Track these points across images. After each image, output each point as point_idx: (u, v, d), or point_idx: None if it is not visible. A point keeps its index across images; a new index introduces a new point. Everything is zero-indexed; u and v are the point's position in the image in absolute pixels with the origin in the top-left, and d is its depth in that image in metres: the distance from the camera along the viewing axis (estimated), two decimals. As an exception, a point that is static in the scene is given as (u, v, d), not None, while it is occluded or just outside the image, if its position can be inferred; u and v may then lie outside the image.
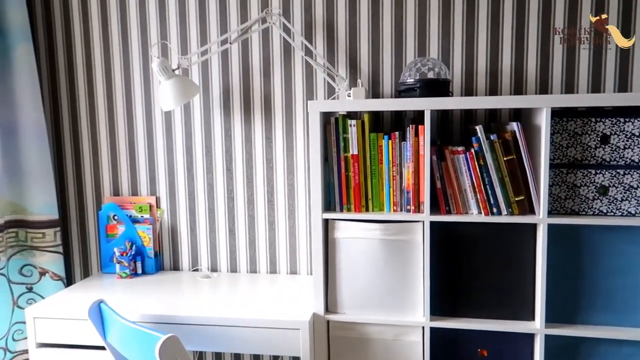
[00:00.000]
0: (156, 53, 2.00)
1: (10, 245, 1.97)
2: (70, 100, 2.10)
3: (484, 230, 1.55)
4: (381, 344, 1.62)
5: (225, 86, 1.99)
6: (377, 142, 1.59)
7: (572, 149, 1.51)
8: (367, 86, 1.90)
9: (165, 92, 1.80)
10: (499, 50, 1.81)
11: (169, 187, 2.08)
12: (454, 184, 1.56)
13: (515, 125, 1.50)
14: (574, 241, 1.51)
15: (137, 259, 2.04)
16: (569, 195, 1.52)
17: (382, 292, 1.61)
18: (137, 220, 2.06)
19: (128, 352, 1.44)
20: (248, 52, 1.95)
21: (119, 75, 2.05)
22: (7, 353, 1.93)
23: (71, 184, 2.14)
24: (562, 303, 1.54)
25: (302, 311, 1.64)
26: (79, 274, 2.19)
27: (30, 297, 2.01)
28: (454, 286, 1.59)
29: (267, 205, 2.02)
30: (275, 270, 2.05)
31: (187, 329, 1.63)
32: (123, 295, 1.83)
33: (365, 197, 1.62)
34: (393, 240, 1.59)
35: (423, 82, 1.63)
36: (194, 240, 2.09)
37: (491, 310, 1.58)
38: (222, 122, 2.01)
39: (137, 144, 2.08)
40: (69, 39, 2.07)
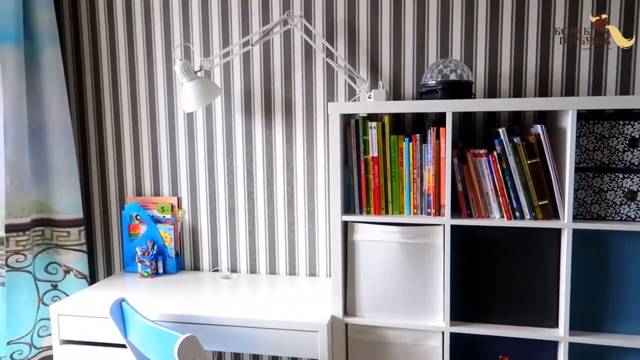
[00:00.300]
0: (179, 55, 2.02)
1: (36, 243, 2.02)
2: (96, 102, 2.14)
3: (506, 235, 1.52)
4: (400, 348, 1.61)
5: (246, 88, 2.00)
6: (397, 144, 1.58)
7: (599, 152, 1.47)
8: (388, 88, 1.88)
9: (187, 94, 1.82)
10: (524, 51, 1.77)
11: (191, 187, 2.10)
12: (475, 187, 1.53)
13: (540, 128, 1.47)
14: (600, 247, 1.47)
15: (159, 259, 2.07)
16: (595, 200, 1.48)
17: (401, 295, 1.59)
18: (159, 220, 2.09)
19: (148, 350, 1.46)
20: (269, 54, 1.96)
21: (142, 78, 2.08)
22: (32, 349, 1.97)
23: (95, 184, 2.18)
24: (587, 310, 1.50)
25: (321, 313, 1.63)
26: (102, 272, 2.22)
27: (55, 295, 2.06)
28: (475, 291, 1.56)
29: (287, 206, 2.02)
30: (294, 272, 2.05)
31: (206, 329, 1.64)
32: (144, 294, 1.85)
33: (385, 200, 1.61)
34: (413, 244, 1.57)
35: (445, 83, 1.61)
36: (215, 240, 2.10)
37: (513, 316, 1.54)
38: (243, 123, 2.02)
39: (160, 145, 2.10)
40: (95, 42, 2.11)
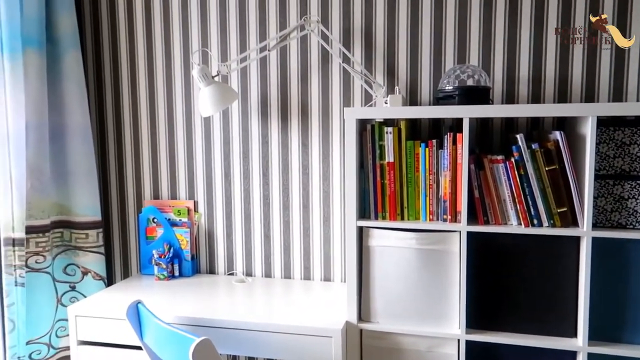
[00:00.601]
0: (197, 60, 2.04)
1: (55, 244, 2.05)
2: (115, 106, 2.17)
3: (523, 242, 1.51)
4: (415, 355, 1.59)
5: (263, 93, 2.01)
6: (413, 149, 1.57)
7: (620, 159, 1.44)
8: (405, 93, 1.88)
9: (204, 98, 1.84)
10: (542, 56, 1.76)
11: (207, 191, 2.11)
12: (492, 193, 1.52)
13: (559, 134, 1.45)
14: (620, 256, 1.45)
15: (175, 262, 2.08)
16: (616, 207, 1.45)
17: (416, 302, 1.58)
18: (175, 223, 2.11)
19: (163, 353, 1.47)
20: (286, 59, 1.97)
21: (161, 82, 2.11)
22: (50, 349, 2.00)
23: (114, 187, 2.21)
24: (606, 320, 1.47)
25: (335, 319, 1.63)
26: (119, 274, 2.25)
27: (73, 296, 2.08)
28: (492, 299, 1.55)
29: (302, 211, 2.02)
30: (309, 276, 2.05)
31: (221, 332, 1.65)
32: (160, 296, 1.86)
33: (401, 206, 1.60)
34: (429, 250, 1.56)
35: (462, 89, 1.60)
36: (230, 244, 2.11)
37: (530, 325, 1.52)
38: (259, 128, 2.03)
39: (177, 148, 2.13)
40: (114, 46, 2.14)
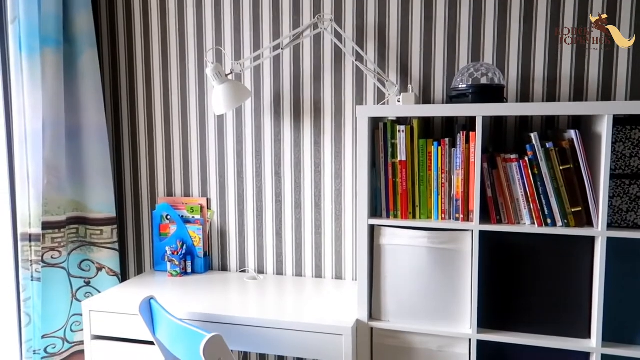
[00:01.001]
0: (211, 59, 2.06)
1: (71, 240, 2.08)
2: (130, 105, 2.20)
3: (536, 242, 1.49)
4: (425, 354, 1.59)
5: (276, 91, 2.01)
6: (426, 148, 1.57)
7: (636, 158, 1.42)
8: (418, 92, 1.87)
9: (217, 97, 1.85)
10: (558, 55, 1.73)
11: (220, 189, 2.13)
12: (505, 192, 1.50)
13: (574, 133, 1.43)
14: (636, 257, 1.42)
15: (188, 258, 2.10)
16: (632, 207, 1.43)
17: (428, 301, 1.57)
18: (188, 220, 2.13)
19: (175, 348, 1.48)
20: (299, 57, 1.98)
21: (175, 80, 2.13)
22: (65, 343, 2.03)
23: (128, 184, 2.24)
24: (620, 321, 1.45)
25: (346, 317, 1.63)
26: (133, 270, 2.27)
27: (88, 291, 2.11)
28: (504, 298, 1.53)
29: (314, 209, 2.02)
30: (320, 274, 2.05)
31: (233, 329, 1.66)
32: (173, 293, 1.88)
33: (413, 204, 1.59)
34: (440, 249, 1.55)
35: (476, 87, 1.59)
36: (242, 242, 2.13)
37: (543, 325, 1.51)
38: (272, 126, 2.04)
39: (191, 146, 2.14)
40: (130, 45, 2.16)
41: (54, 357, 1.99)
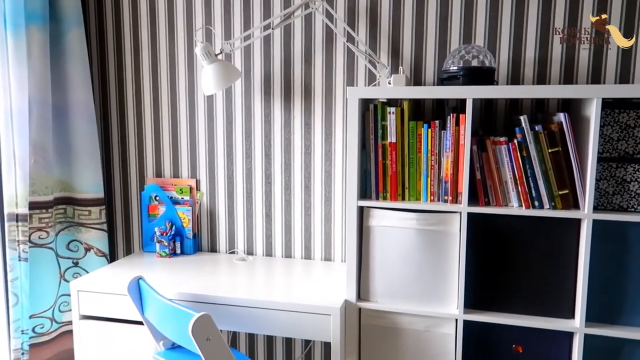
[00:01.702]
0: (200, 38, 2.03)
1: (59, 221, 2.06)
2: (118, 84, 2.17)
3: (524, 224, 1.50)
4: (412, 334, 1.61)
5: (266, 72, 2.00)
6: (416, 130, 1.57)
7: (624, 142, 1.43)
8: (409, 74, 1.86)
9: (207, 77, 1.83)
10: (550, 38, 1.73)
11: (209, 170, 2.12)
12: (494, 175, 1.51)
13: (563, 116, 1.44)
14: (621, 239, 1.44)
15: (177, 239, 2.10)
16: (618, 190, 1.45)
17: (415, 282, 1.59)
18: (177, 201, 2.12)
19: (164, 327, 1.49)
20: (290, 38, 1.96)
21: (164, 60, 2.10)
22: (53, 323, 2.03)
23: (116, 164, 2.22)
24: (604, 302, 1.47)
25: (334, 298, 1.64)
26: (122, 251, 2.27)
27: (76, 272, 2.11)
28: (491, 280, 1.55)
29: (303, 191, 2.02)
30: (309, 256, 2.06)
31: (221, 309, 1.66)
32: (162, 273, 1.88)
33: (402, 186, 1.60)
34: (429, 231, 1.56)
35: (466, 70, 1.58)
36: (232, 223, 2.12)
37: (529, 306, 1.53)
38: (262, 107, 2.02)
39: (180, 127, 2.12)
40: (118, 24, 2.13)
41: (42, 337, 1.99)
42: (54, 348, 2.04)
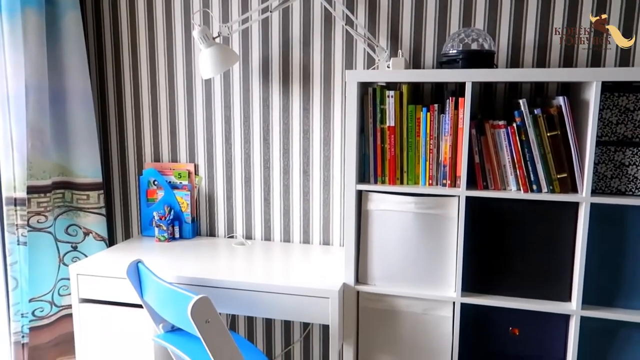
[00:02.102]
0: (198, 21, 2.01)
1: (57, 205, 2.06)
2: (115, 68, 2.15)
3: (522, 208, 1.51)
4: (410, 317, 1.62)
5: (264, 55, 1.98)
6: (415, 114, 1.56)
7: (622, 125, 1.43)
8: (408, 57, 1.85)
9: (205, 60, 1.81)
10: (550, 22, 1.72)
11: (207, 155, 2.11)
12: (492, 159, 1.51)
13: (562, 100, 1.43)
14: (618, 222, 1.45)
15: (175, 224, 2.10)
16: (616, 174, 1.45)
17: (413, 265, 1.60)
18: (176, 186, 2.12)
19: (163, 310, 1.49)
20: (288, 21, 1.94)
21: (161, 43, 2.08)
22: (53, 307, 2.04)
23: (114, 149, 2.21)
24: (601, 285, 1.48)
25: (333, 281, 1.65)
26: (121, 235, 2.27)
27: (75, 256, 2.11)
28: (488, 263, 1.56)
29: (302, 175, 2.02)
30: (308, 240, 2.06)
31: (221, 292, 1.67)
32: (161, 257, 1.89)
33: (401, 170, 1.60)
34: (427, 214, 1.56)
35: (466, 53, 1.57)
36: (230, 207, 2.13)
37: (526, 289, 1.54)
38: (260, 91, 2.01)
39: (178, 111, 2.11)
40: (114, 7, 2.11)
41: (42, 320, 2.00)
42: (54, 331, 2.05)
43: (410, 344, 1.63)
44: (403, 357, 1.64)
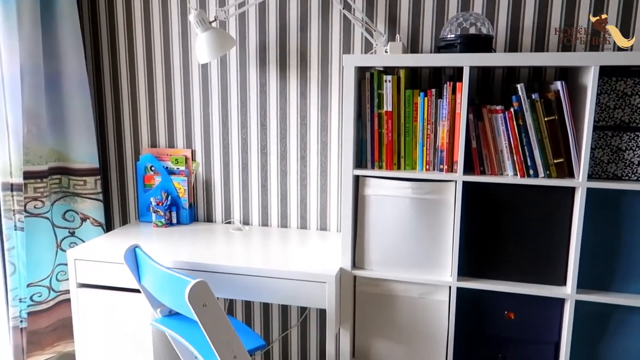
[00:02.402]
0: (194, 5, 1.99)
1: (54, 191, 2.06)
2: (111, 53, 2.13)
3: (518, 193, 1.51)
4: (407, 302, 1.63)
5: (261, 40, 1.97)
6: (412, 99, 1.56)
7: (620, 110, 1.43)
8: (406, 42, 1.84)
9: (201, 45, 1.80)
10: (548, 5, 1.71)
11: (204, 140, 2.11)
12: (490, 144, 1.51)
13: (560, 84, 1.43)
14: (614, 207, 1.45)
15: (173, 210, 2.10)
16: (613, 159, 1.45)
17: (410, 250, 1.60)
18: (173, 171, 2.11)
19: (161, 295, 1.50)
20: (286, 4, 1.92)
21: (157, 27, 2.07)
22: (51, 292, 2.04)
23: (111, 134, 2.20)
24: (596, 269, 1.49)
25: (330, 266, 1.65)
26: (118, 221, 2.27)
27: (73, 241, 2.11)
28: (485, 247, 1.57)
29: (299, 161, 2.02)
30: (305, 225, 2.07)
31: (218, 277, 1.68)
32: (158, 242, 1.89)
33: (398, 155, 1.59)
34: (424, 199, 1.57)
35: (464, 37, 1.56)
36: (227, 193, 2.12)
37: (521, 273, 1.55)
38: (257, 76, 2.00)
39: (175, 96, 2.10)
40: (109, -10, 2.09)
41: (40, 305, 2.01)
42: (52, 316, 2.06)
43: (406, 328, 1.64)
44: (400, 341, 1.66)
